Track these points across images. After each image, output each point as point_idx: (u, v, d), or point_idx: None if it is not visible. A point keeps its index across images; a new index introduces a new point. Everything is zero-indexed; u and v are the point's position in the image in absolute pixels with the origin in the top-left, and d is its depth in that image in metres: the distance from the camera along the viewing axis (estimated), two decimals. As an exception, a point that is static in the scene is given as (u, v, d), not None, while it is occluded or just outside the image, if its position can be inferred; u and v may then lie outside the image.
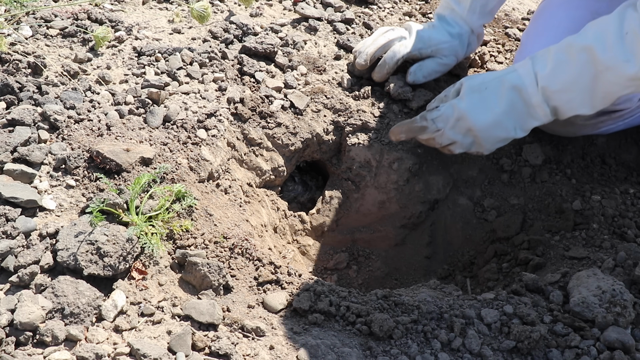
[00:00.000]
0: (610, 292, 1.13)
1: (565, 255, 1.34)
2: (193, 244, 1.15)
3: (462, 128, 1.44)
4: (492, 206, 1.61)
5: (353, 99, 1.66)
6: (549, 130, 1.60)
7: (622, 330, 1.09)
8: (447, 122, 1.45)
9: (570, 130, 1.56)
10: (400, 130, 1.50)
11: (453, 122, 1.44)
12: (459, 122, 1.44)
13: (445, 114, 1.45)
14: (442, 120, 1.45)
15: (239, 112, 1.50)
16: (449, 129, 1.45)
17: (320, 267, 1.58)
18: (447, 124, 1.45)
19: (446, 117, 1.45)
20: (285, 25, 1.82)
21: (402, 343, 1.04)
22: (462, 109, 1.42)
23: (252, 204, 1.44)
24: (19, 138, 1.20)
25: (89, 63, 1.49)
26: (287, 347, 0.99)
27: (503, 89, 1.39)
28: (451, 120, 1.44)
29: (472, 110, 1.42)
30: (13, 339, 0.90)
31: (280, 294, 1.10)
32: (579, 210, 1.45)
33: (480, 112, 1.42)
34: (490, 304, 1.15)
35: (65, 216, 1.11)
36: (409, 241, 1.68)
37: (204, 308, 1.01)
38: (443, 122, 1.45)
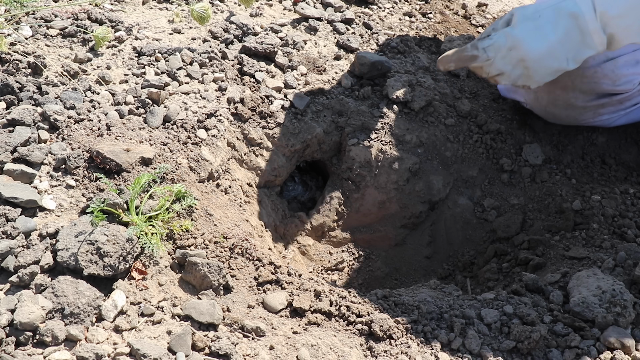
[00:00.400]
0: (610, 292, 1.13)
1: (565, 255, 1.34)
2: (193, 244, 1.15)
3: (513, 58, 1.39)
4: (492, 206, 1.61)
5: (353, 99, 1.66)
6: (549, 116, 1.58)
7: (622, 330, 1.09)
8: (498, 51, 1.39)
9: (571, 114, 1.55)
10: (450, 59, 1.45)
11: (505, 51, 1.39)
12: (511, 52, 1.38)
13: (498, 43, 1.39)
14: (493, 49, 1.40)
15: (239, 112, 1.50)
16: (500, 59, 1.40)
17: (320, 267, 1.58)
18: (499, 52, 1.39)
19: (498, 46, 1.39)
20: (285, 25, 1.82)
21: (402, 343, 1.04)
22: (516, 36, 1.37)
23: (252, 204, 1.44)
24: (19, 138, 1.20)
25: (89, 63, 1.49)
26: (287, 347, 0.99)
27: (559, 17, 1.35)
28: (503, 49, 1.39)
29: (527, 38, 1.37)
30: (13, 339, 0.90)
31: (280, 294, 1.10)
32: (579, 210, 1.45)
33: (535, 41, 1.37)
34: (490, 304, 1.15)
35: (65, 216, 1.11)
36: (409, 241, 1.68)
37: (204, 308, 1.01)
38: (494, 51, 1.40)
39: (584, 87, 1.46)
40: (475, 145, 1.67)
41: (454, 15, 2.10)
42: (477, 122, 1.71)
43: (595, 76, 1.43)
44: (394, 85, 1.66)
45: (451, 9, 2.13)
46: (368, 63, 1.68)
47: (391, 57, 1.78)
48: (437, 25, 2.02)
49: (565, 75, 1.42)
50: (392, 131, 1.64)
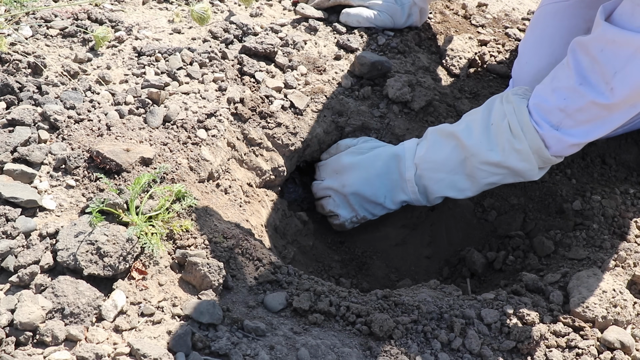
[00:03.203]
0: (610, 292, 1.13)
1: (565, 255, 1.35)
2: (193, 244, 1.15)
3: (337, 181, 1.54)
4: (492, 206, 1.61)
5: (353, 99, 1.66)
6: None
7: (622, 330, 1.09)
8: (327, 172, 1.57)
9: None
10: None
11: (331, 172, 1.56)
12: (336, 174, 1.55)
13: (329, 163, 1.57)
14: (323, 170, 1.58)
15: (239, 112, 1.50)
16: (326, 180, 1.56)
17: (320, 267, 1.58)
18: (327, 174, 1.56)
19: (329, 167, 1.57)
20: (285, 25, 1.82)
21: (402, 343, 1.04)
22: (342, 162, 1.54)
23: (252, 204, 1.44)
24: (19, 138, 1.20)
25: (89, 63, 1.49)
26: (287, 347, 0.99)
27: (385, 154, 1.49)
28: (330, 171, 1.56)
29: (350, 166, 1.52)
30: (13, 339, 0.90)
31: (280, 294, 1.10)
32: (579, 210, 1.45)
33: (357, 170, 1.51)
34: (490, 304, 1.15)
35: (65, 216, 1.11)
36: (409, 241, 1.68)
37: (204, 308, 1.01)
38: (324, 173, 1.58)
39: None
40: (475, 145, 1.67)
41: (454, 15, 2.10)
42: (477, 122, 1.71)
43: None
44: (394, 85, 1.66)
45: (451, 9, 2.13)
46: (368, 63, 1.68)
47: (391, 57, 1.78)
48: (437, 25, 2.02)
49: None
50: (392, 131, 1.64)
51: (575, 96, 1.22)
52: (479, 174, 1.37)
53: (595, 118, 1.24)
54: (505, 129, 1.30)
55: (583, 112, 1.23)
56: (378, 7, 1.82)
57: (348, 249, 1.68)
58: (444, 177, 1.41)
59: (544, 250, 1.40)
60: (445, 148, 1.38)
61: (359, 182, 1.52)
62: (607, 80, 1.17)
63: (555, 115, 1.26)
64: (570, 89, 1.22)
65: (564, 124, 1.26)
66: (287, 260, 1.45)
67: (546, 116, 1.27)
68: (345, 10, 1.84)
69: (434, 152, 1.40)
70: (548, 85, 1.28)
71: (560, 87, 1.24)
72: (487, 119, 1.33)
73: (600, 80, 1.19)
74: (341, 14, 1.85)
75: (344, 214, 1.57)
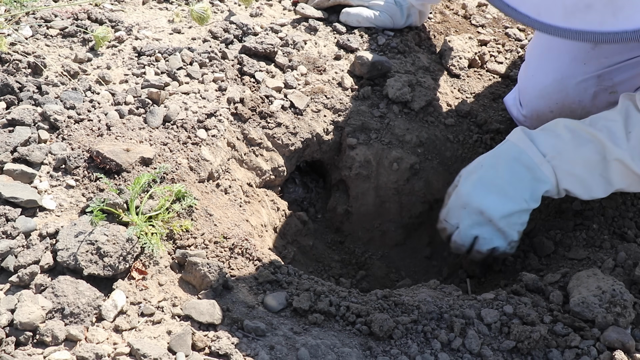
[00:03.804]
0: (610, 292, 1.13)
1: (565, 255, 1.34)
2: (193, 244, 1.15)
3: (472, 214, 1.34)
4: (492, 206, 1.60)
5: (353, 99, 1.66)
6: None
7: (622, 330, 1.09)
8: (456, 214, 1.35)
9: None
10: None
11: (460, 211, 1.34)
12: (466, 210, 1.34)
13: (451, 206, 1.36)
14: (452, 215, 1.36)
15: (239, 112, 1.50)
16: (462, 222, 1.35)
17: (320, 266, 1.58)
18: (458, 216, 1.35)
19: (453, 209, 1.35)
20: (285, 25, 1.82)
21: (402, 343, 1.04)
22: (462, 193, 1.34)
23: (252, 204, 1.44)
24: (19, 138, 1.20)
25: (89, 63, 1.49)
26: (287, 347, 0.99)
27: (498, 161, 1.33)
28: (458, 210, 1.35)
29: (473, 191, 1.33)
30: (13, 339, 0.90)
31: (280, 294, 1.10)
32: (579, 210, 1.45)
33: (483, 190, 1.33)
34: (490, 304, 1.15)
35: (65, 216, 1.11)
36: (409, 241, 1.68)
37: (204, 308, 1.01)
38: (454, 217, 1.36)
39: None
40: (475, 145, 1.67)
41: (454, 15, 2.10)
42: (477, 122, 1.71)
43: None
44: (394, 85, 1.66)
45: (451, 9, 2.13)
46: (368, 63, 1.68)
47: (391, 57, 1.78)
48: (437, 25, 2.02)
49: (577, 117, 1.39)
50: (392, 131, 1.65)
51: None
52: (615, 178, 1.29)
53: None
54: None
55: None
56: (378, 7, 1.83)
57: (348, 249, 1.68)
58: (580, 173, 1.30)
59: (544, 250, 1.40)
60: (587, 145, 1.28)
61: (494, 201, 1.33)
62: None
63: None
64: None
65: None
66: (287, 260, 1.45)
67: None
68: (345, 10, 1.85)
69: (573, 148, 1.29)
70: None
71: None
72: (625, 126, 1.25)
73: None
74: (341, 14, 1.85)
75: (499, 244, 1.37)
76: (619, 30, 0.93)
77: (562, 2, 0.95)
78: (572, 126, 1.29)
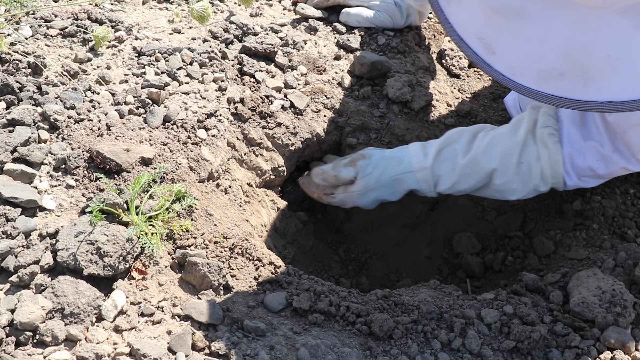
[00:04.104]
0: (610, 292, 1.13)
1: (565, 255, 1.34)
2: (193, 244, 1.15)
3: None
4: (492, 206, 1.61)
5: (353, 99, 1.66)
6: None
7: (622, 330, 1.09)
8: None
9: None
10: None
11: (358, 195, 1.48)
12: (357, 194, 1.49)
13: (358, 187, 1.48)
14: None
15: (239, 112, 1.50)
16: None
17: (320, 267, 1.58)
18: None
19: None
20: (285, 25, 1.82)
21: (402, 343, 1.04)
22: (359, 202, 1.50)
23: (252, 204, 1.44)
24: (19, 138, 1.20)
25: (89, 63, 1.49)
26: (287, 347, 0.99)
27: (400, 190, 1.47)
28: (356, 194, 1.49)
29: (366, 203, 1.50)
30: (13, 339, 0.90)
31: (280, 294, 1.10)
32: (579, 210, 1.45)
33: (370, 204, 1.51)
34: (490, 304, 1.15)
35: (65, 216, 1.11)
36: (409, 241, 1.68)
37: (204, 308, 1.01)
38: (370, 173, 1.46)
39: None
40: (475, 145, 1.67)
41: (454, 15, 2.10)
42: (477, 122, 1.71)
43: None
44: (394, 85, 1.66)
45: (451, 9, 2.12)
46: (368, 63, 1.68)
47: (391, 57, 1.78)
48: (437, 25, 2.02)
49: None
50: (392, 131, 1.64)
51: (608, 162, 1.27)
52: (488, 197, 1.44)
53: (615, 176, 1.33)
54: (536, 175, 1.34)
55: (611, 173, 1.31)
56: (378, 7, 1.83)
57: (348, 249, 1.68)
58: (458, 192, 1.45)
59: (544, 250, 1.40)
60: (473, 180, 1.39)
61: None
62: (634, 153, 1.24)
63: (585, 172, 1.32)
64: (604, 155, 1.27)
65: (589, 177, 1.33)
66: (287, 260, 1.45)
67: (577, 171, 1.32)
68: (345, 10, 1.85)
69: (461, 184, 1.41)
70: (579, 132, 1.30)
71: (594, 149, 1.28)
72: (520, 156, 1.34)
73: (627, 151, 1.25)
74: (341, 14, 1.85)
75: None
76: (588, 99, 0.98)
77: (536, 67, 0.99)
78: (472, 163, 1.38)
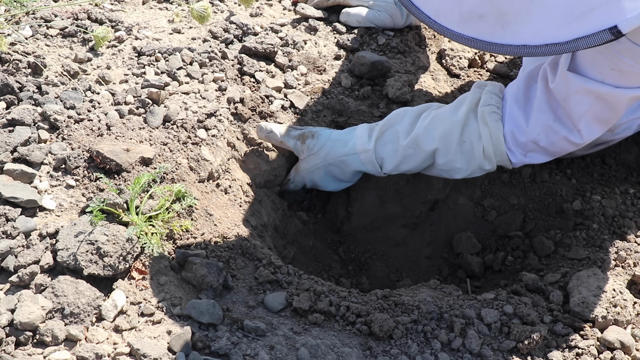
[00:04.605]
0: (610, 292, 1.13)
1: (565, 255, 1.34)
2: (193, 244, 1.15)
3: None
4: (493, 206, 1.61)
5: (353, 99, 1.66)
6: None
7: (622, 330, 1.09)
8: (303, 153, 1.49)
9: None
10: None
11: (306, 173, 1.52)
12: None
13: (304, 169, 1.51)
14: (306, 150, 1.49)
15: (239, 112, 1.50)
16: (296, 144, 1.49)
17: (320, 267, 1.58)
18: (303, 154, 1.49)
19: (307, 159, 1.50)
20: (285, 25, 1.82)
21: (402, 343, 1.04)
22: (309, 179, 1.53)
23: (252, 204, 1.44)
24: (19, 138, 1.20)
25: (89, 63, 1.49)
26: (287, 347, 0.99)
27: (347, 170, 1.49)
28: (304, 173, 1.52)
29: (319, 181, 1.54)
30: (13, 339, 0.90)
31: (280, 294, 1.10)
32: (579, 210, 1.45)
33: (326, 184, 1.55)
34: (490, 304, 1.15)
35: (65, 216, 1.11)
36: (409, 241, 1.68)
37: (204, 308, 1.01)
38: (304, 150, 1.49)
39: None
40: (475, 145, 1.67)
41: (454, 15, 2.10)
42: (477, 122, 1.71)
43: None
44: (394, 85, 1.66)
45: (451, 9, 2.13)
46: (368, 63, 1.68)
47: (391, 57, 1.78)
48: (437, 25, 2.01)
49: None
50: (392, 131, 1.64)
51: (549, 132, 1.27)
52: (435, 175, 1.48)
53: (562, 150, 1.32)
54: (479, 153, 1.35)
55: (554, 145, 1.30)
56: (378, 7, 1.83)
57: (348, 249, 1.68)
58: (405, 172, 1.48)
59: (544, 250, 1.40)
60: (417, 160, 1.42)
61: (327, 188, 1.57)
62: (575, 123, 1.23)
63: (528, 146, 1.32)
64: (545, 125, 1.27)
65: (534, 151, 1.33)
66: (287, 260, 1.45)
67: (520, 147, 1.33)
68: (345, 10, 1.85)
69: (405, 164, 1.43)
70: (522, 109, 1.30)
71: (536, 121, 1.28)
72: (461, 135, 1.35)
73: (568, 121, 1.24)
74: (341, 14, 1.85)
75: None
76: (505, 43, 1.00)
77: (459, 9, 1.01)
78: (412, 141, 1.39)
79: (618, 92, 1.12)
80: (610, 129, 1.43)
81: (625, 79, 1.11)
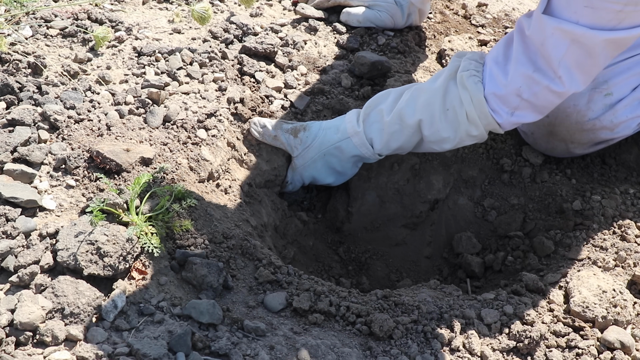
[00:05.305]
0: (610, 292, 1.13)
1: (565, 255, 1.34)
2: (193, 244, 1.15)
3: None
4: (493, 206, 1.61)
5: (353, 99, 1.66)
6: (546, 152, 1.59)
7: (622, 330, 1.09)
8: (295, 148, 1.51)
9: (568, 155, 1.57)
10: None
11: (299, 171, 1.54)
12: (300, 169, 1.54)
13: (298, 164, 1.53)
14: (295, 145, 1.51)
15: (239, 112, 1.50)
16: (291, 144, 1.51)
17: (320, 267, 1.58)
18: (295, 151, 1.51)
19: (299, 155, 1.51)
20: (285, 25, 1.82)
21: (402, 343, 1.04)
22: (307, 175, 1.55)
23: (252, 204, 1.44)
24: (19, 138, 1.20)
25: (89, 63, 1.49)
26: (287, 347, 0.99)
27: (344, 157, 1.50)
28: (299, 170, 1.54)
29: (317, 174, 1.54)
30: (13, 339, 0.90)
31: (280, 294, 1.10)
32: (579, 210, 1.45)
33: (325, 177, 1.56)
34: (490, 304, 1.15)
35: (65, 216, 1.11)
36: (409, 241, 1.68)
37: (204, 308, 1.01)
38: (294, 147, 1.51)
39: (582, 140, 1.48)
40: (475, 145, 1.67)
41: (454, 15, 2.10)
42: (477, 122, 1.71)
43: (594, 128, 1.44)
44: (393, 85, 1.66)
45: (451, 9, 2.13)
46: (368, 63, 1.68)
47: (391, 57, 1.78)
48: (437, 25, 2.02)
49: (564, 130, 1.45)
50: (392, 131, 1.64)
51: (530, 83, 1.25)
52: (428, 150, 1.49)
53: (548, 103, 1.29)
54: (463, 119, 1.35)
55: (538, 97, 1.27)
56: (378, 7, 1.83)
57: (348, 249, 1.68)
58: (404, 151, 1.51)
59: (544, 250, 1.40)
60: (405, 135, 1.43)
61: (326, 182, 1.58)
62: (554, 69, 1.21)
63: (511, 101, 1.30)
64: (525, 76, 1.25)
65: (520, 108, 1.30)
66: (287, 260, 1.45)
67: (503, 104, 1.31)
68: (346, 10, 1.85)
69: (394, 141, 1.44)
70: (502, 68, 1.29)
71: (515, 73, 1.26)
72: (443, 104, 1.35)
73: (549, 69, 1.22)
74: (341, 14, 1.85)
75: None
76: None
77: None
78: (398, 118, 1.41)
79: (592, 34, 1.12)
80: (609, 128, 1.43)
81: (598, 17, 1.11)
